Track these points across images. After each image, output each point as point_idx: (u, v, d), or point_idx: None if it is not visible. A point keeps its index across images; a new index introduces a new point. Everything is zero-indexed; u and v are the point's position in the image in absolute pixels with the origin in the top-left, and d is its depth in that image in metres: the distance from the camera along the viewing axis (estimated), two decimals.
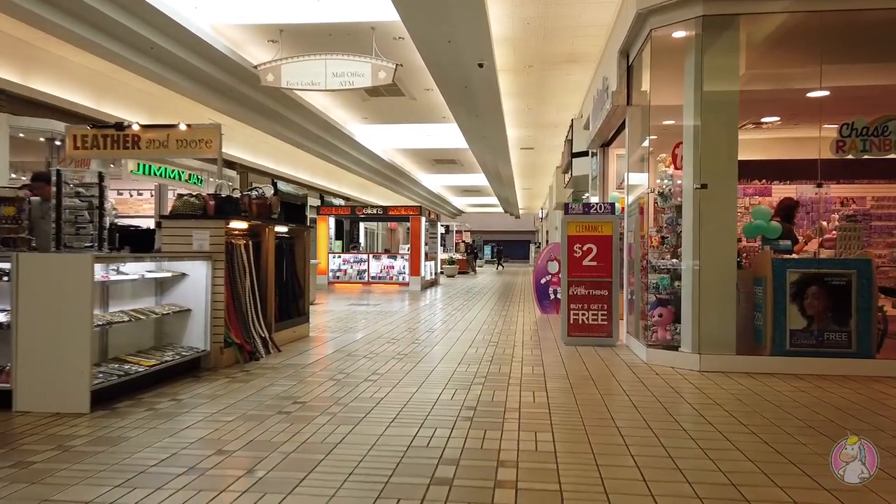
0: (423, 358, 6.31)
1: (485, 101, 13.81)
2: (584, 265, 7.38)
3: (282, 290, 7.29)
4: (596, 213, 7.41)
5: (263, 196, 6.88)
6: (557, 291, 10.43)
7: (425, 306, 12.13)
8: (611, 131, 8.72)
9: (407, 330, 8.43)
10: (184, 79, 12.69)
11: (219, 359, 5.71)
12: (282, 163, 21.53)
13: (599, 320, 7.34)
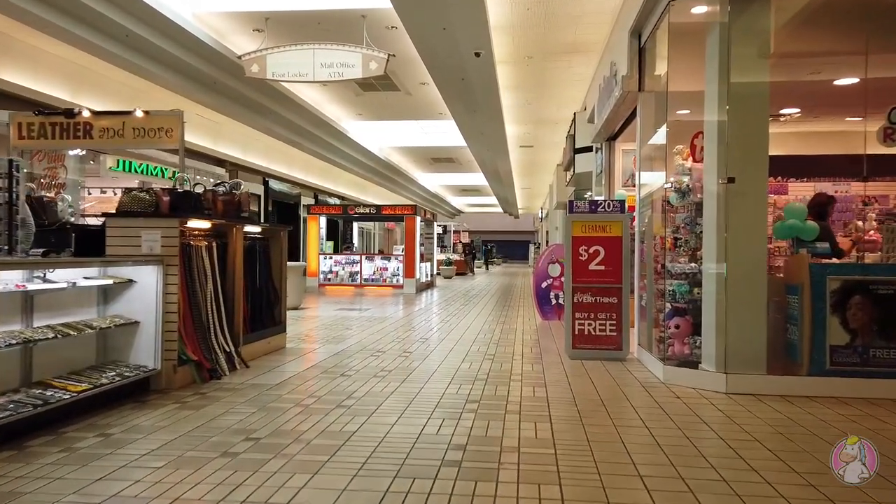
0: (409, 375, 5.49)
1: (482, 94, 13.00)
2: (591, 270, 6.56)
3: (254, 297, 6.47)
4: (604, 212, 6.59)
5: (231, 192, 6.06)
6: (559, 296, 9.63)
7: (419, 311, 11.30)
8: (618, 122, 7.91)
9: (395, 340, 7.61)
10: (165, 70, 11.88)
11: (171, 379, 4.89)
12: (274, 161, 20.70)
13: (608, 331, 6.51)
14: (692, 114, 6.00)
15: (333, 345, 7.19)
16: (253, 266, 6.52)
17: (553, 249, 9.91)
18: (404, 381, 5.28)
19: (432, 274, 18.39)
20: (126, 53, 10.39)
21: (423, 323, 9.44)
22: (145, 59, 10.95)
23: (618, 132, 8.59)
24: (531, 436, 3.75)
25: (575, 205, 6.67)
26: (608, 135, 8.66)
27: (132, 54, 10.57)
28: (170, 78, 12.15)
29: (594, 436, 3.76)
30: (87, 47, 9.80)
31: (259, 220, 6.18)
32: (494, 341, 7.57)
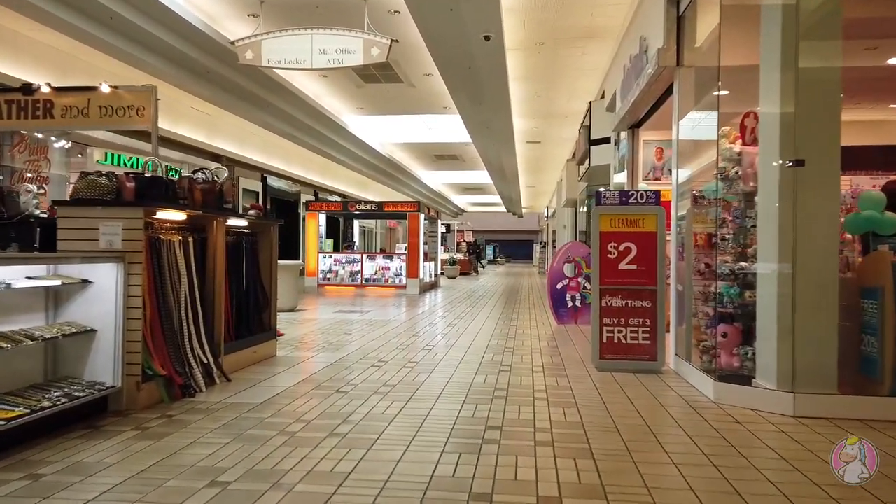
0: (415, 392, 4.67)
1: (490, 84, 12.18)
2: (621, 269, 5.73)
3: (238, 299, 5.66)
4: (636, 204, 5.77)
5: (212, 180, 5.24)
6: (576, 298, 8.80)
7: (423, 314, 10.48)
8: (646, 106, 7.08)
9: (399, 347, 6.79)
10: (153, 56, 11.06)
11: (134, 398, 4.07)
12: (273, 156, 19.88)
13: (640, 339, 5.69)
14: (739, 90, 5.17)
15: (330, 353, 6.37)
16: (238, 264, 5.70)
17: (569, 247, 9.08)
18: (410, 399, 4.45)
19: (436, 274, 17.56)
20: (111, 38, 9.59)
21: (429, 327, 8.62)
22: (132, 44, 10.15)
23: (643, 119, 7.77)
24: (573, 479, 2.93)
25: (603, 195, 5.84)
26: (632, 122, 7.83)
27: (118, 38, 9.76)
28: (159, 65, 11.33)
29: (653, 480, 2.93)
30: (70, 30, 9.02)
31: (246, 213, 5.33)
32: (509, 349, 6.75)
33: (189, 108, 15.44)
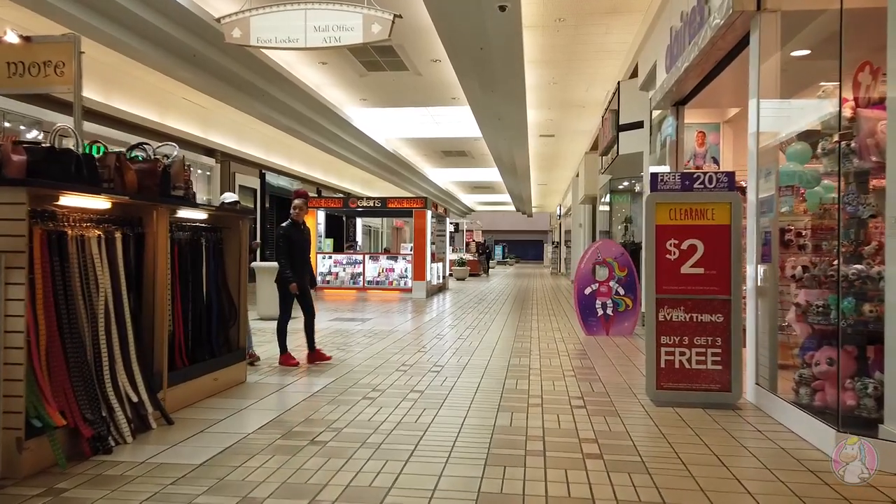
0: (418, 443, 3.34)
1: (503, 68, 10.84)
2: (684, 274, 4.38)
3: (197, 313, 4.36)
4: (703, 189, 4.41)
5: (153, 159, 3.94)
6: (607, 305, 7.45)
7: (431, 322, 9.14)
8: (700, 75, 5.73)
9: (401, 368, 5.46)
10: (132, 37, 9.82)
11: (13, 463, 2.77)
12: (272, 152, 18.64)
13: (709, 364, 4.33)
14: (848, 38, 3.82)
15: (314, 376, 5.05)
16: (196, 268, 4.40)
17: (599, 246, 7.73)
18: (410, 457, 3.13)
19: (444, 276, 16.22)
20: (84, 14, 8.52)
21: (437, 340, 7.28)
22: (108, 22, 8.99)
23: (689, 95, 6.41)
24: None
25: (660, 179, 4.48)
26: (678, 97, 6.47)
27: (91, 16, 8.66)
28: (139, 47, 10.09)
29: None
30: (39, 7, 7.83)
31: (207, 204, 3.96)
32: (534, 370, 5.40)
33: (180, 99, 14.22)
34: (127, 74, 12.23)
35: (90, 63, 11.41)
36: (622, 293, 7.52)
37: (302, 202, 5.85)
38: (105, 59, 11.54)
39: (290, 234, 5.66)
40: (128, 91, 12.55)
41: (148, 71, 11.79)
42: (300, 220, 5.78)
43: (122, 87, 12.40)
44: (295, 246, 5.64)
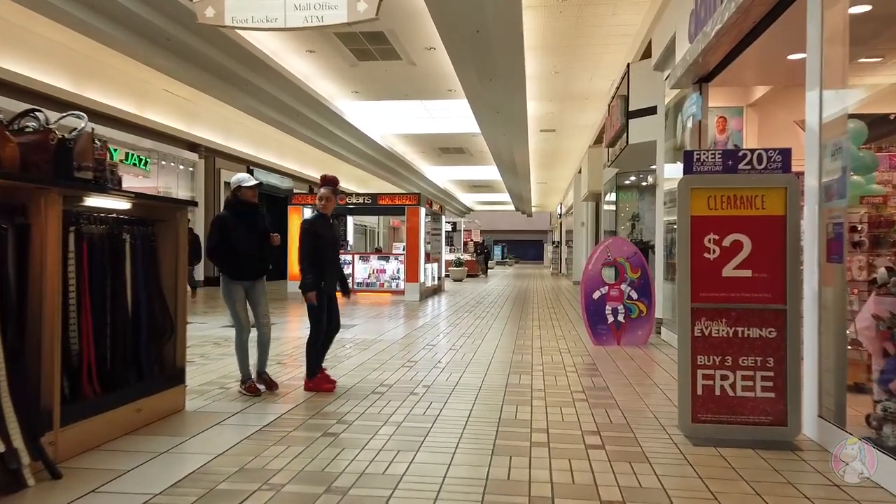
0: None
1: (502, 54, 9.92)
2: (727, 278, 3.44)
3: (115, 327, 3.42)
4: (750, 170, 3.47)
5: (44, 129, 3.01)
6: (618, 311, 6.51)
7: (421, 329, 8.19)
8: (731, 43, 4.78)
9: (378, 390, 4.52)
10: (98, 19, 8.93)
11: None
12: (263, 148, 17.72)
13: (759, 390, 3.39)
14: None
15: (269, 403, 4.10)
16: (117, 271, 3.46)
17: (609, 244, 6.78)
18: None
19: (440, 277, 15.27)
20: None
21: (426, 351, 6.34)
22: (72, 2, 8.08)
23: (714, 70, 5.46)
24: None
25: (696, 158, 3.53)
26: (701, 72, 5.53)
27: None
28: (109, 30, 9.19)
29: None
30: None
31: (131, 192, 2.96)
32: (537, 392, 4.46)
33: (160, 91, 13.29)
34: (99, 62, 11.30)
35: (58, 50, 10.55)
36: (635, 297, 6.59)
37: (329, 191, 4.59)
38: (75, 45, 10.62)
39: (317, 229, 4.49)
40: (101, 81, 11.62)
41: (123, 59, 10.87)
42: (328, 213, 4.63)
43: (95, 77, 11.47)
44: (322, 244, 4.47)
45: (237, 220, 4.30)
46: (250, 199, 4.39)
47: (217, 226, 4.31)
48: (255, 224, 4.40)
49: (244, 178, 4.43)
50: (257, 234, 4.37)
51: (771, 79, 5.93)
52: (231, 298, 4.32)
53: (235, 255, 4.29)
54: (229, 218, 4.33)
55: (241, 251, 4.29)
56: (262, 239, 4.39)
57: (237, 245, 4.27)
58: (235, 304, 4.32)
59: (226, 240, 4.27)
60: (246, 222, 4.34)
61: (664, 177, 7.28)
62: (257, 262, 4.39)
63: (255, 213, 4.43)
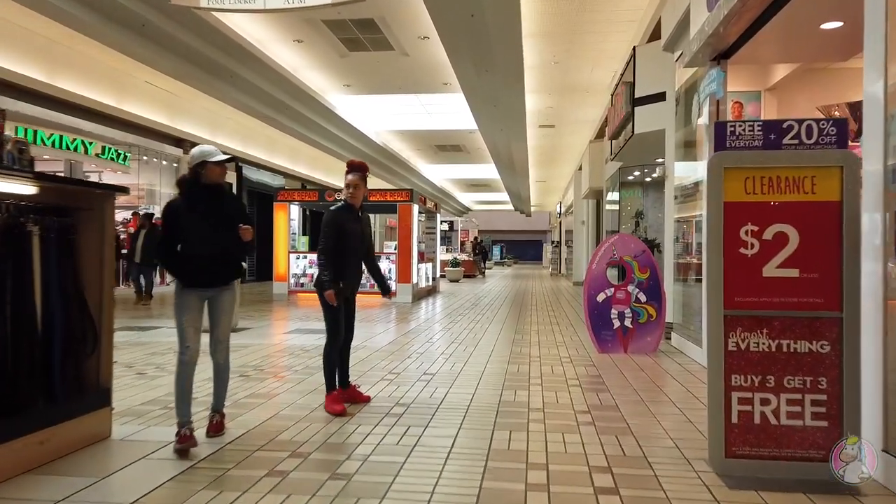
0: None
1: (498, 41, 9.26)
2: (768, 278, 2.77)
3: (15, 339, 2.75)
4: (799, 146, 2.79)
5: None
6: (625, 315, 5.84)
7: (410, 334, 7.51)
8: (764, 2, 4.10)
9: (349, 411, 3.83)
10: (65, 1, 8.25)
11: None
12: (252, 144, 17.02)
13: (808, 418, 2.72)
14: None
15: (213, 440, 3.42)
16: (20, 269, 2.80)
17: (615, 241, 6.11)
18: None
19: (435, 277, 14.59)
20: None
21: (411, 360, 5.65)
22: None
23: (737, 42, 4.79)
24: None
25: (730, 131, 2.85)
26: (723, 45, 4.85)
27: None
28: (76, 13, 8.50)
29: None
30: None
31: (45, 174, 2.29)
32: (536, 412, 3.78)
33: (141, 83, 12.60)
34: (73, 51, 10.62)
35: (29, 37, 9.87)
36: (644, 300, 5.91)
37: (357, 177, 3.86)
38: (47, 32, 9.95)
39: (342, 220, 3.81)
40: (77, 71, 10.94)
41: (101, 49, 10.20)
42: (357, 203, 3.89)
43: (70, 66, 10.79)
44: (347, 238, 3.81)
45: (195, 209, 3.23)
46: (216, 179, 3.26)
47: (166, 217, 3.23)
48: (221, 213, 3.27)
49: (210, 152, 3.29)
50: (223, 226, 3.26)
51: (798, 54, 5.26)
52: (181, 310, 3.19)
53: (190, 255, 3.20)
54: (183, 206, 3.24)
55: (198, 250, 3.20)
56: (228, 232, 3.26)
57: (193, 241, 3.20)
58: (184, 318, 3.17)
59: (178, 235, 3.21)
60: (208, 211, 3.23)
61: (674, 169, 6.62)
62: (221, 263, 3.28)
63: (220, 198, 3.29)
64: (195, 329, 3.18)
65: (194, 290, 3.21)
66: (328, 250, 3.76)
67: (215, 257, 3.25)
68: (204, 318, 3.26)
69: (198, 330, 3.18)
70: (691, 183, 6.03)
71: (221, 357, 3.34)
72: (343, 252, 3.79)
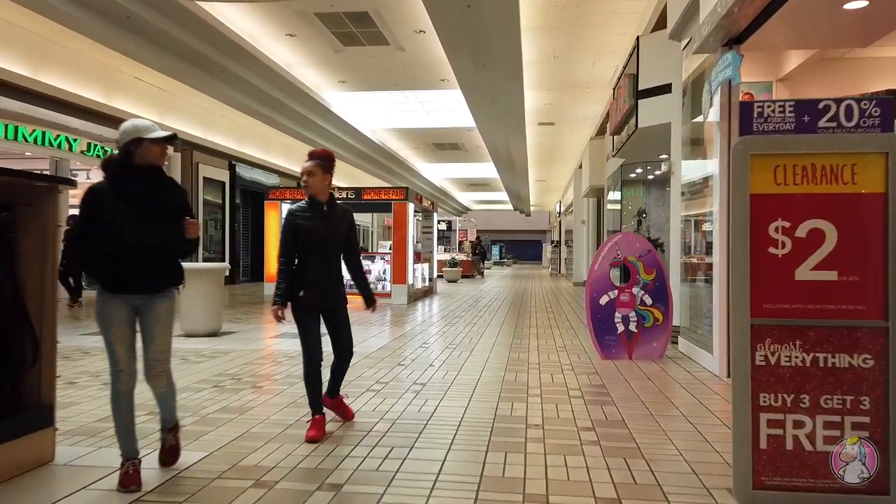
0: None
1: (496, 33, 8.90)
2: (802, 282, 2.39)
3: None
4: (837, 129, 2.41)
5: None
6: (629, 319, 5.47)
7: (403, 338, 7.14)
8: None
9: (326, 429, 3.45)
10: None
11: None
12: (246, 142, 16.65)
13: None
14: None
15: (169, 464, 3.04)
16: None
17: (619, 240, 5.72)
18: None
19: (431, 278, 14.20)
20: None
21: (401, 368, 5.27)
22: None
23: (751, 26, 4.41)
24: None
25: (759, 112, 2.47)
26: (736, 29, 4.46)
27: None
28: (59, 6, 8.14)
29: None
30: None
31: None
32: (534, 429, 3.40)
33: (130, 78, 12.22)
34: (59, 45, 10.26)
35: (12, 30, 9.48)
36: (649, 303, 5.53)
37: (314, 164, 3.31)
38: (31, 26, 9.59)
39: (300, 218, 3.29)
40: (62, 66, 10.56)
41: (88, 43, 9.82)
42: (318, 196, 3.31)
43: (56, 61, 10.43)
44: (309, 239, 3.27)
45: (123, 195, 2.61)
46: (154, 161, 2.66)
47: (86, 204, 2.62)
48: (156, 202, 2.67)
49: (146, 126, 2.69)
50: (158, 217, 2.67)
51: (815, 39, 4.88)
52: (106, 324, 2.61)
53: (112, 252, 2.59)
54: (109, 191, 2.61)
55: (124, 245, 2.59)
56: (164, 226, 2.67)
57: (119, 235, 2.58)
58: (111, 334, 2.60)
59: (100, 227, 2.59)
60: (139, 198, 2.63)
61: (680, 164, 6.24)
62: (154, 264, 2.68)
63: (156, 184, 2.70)
64: (128, 347, 2.62)
65: (120, 297, 2.61)
66: (280, 256, 3.31)
67: (146, 255, 2.64)
68: None
69: (132, 347, 2.64)
70: (700, 178, 5.65)
71: (159, 383, 2.71)
72: (305, 255, 3.29)
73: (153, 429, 3.26)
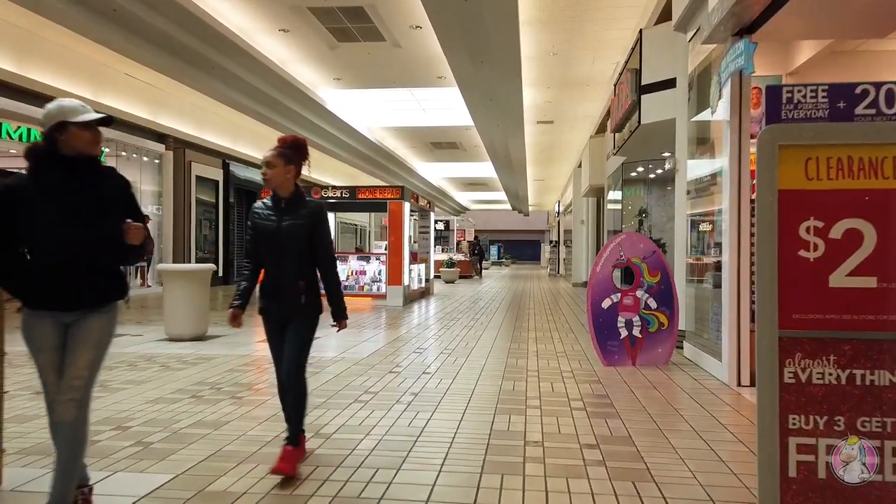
0: None
1: (494, 28, 8.64)
2: (836, 289, 2.10)
3: None
4: (876, 117, 2.12)
5: None
6: (633, 324, 5.18)
7: (396, 342, 6.84)
8: None
9: (307, 446, 3.16)
10: None
11: None
12: (240, 140, 16.35)
13: (889, 472, 2.05)
14: None
15: (123, 481, 2.74)
16: None
17: (621, 241, 5.43)
18: None
19: (428, 279, 13.91)
20: None
21: (392, 376, 4.98)
22: None
23: (764, 13, 4.13)
24: None
25: (788, 98, 2.18)
26: (748, 17, 4.18)
27: None
28: None
29: None
30: None
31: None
32: (533, 447, 3.12)
33: (121, 75, 11.93)
34: (46, 40, 9.96)
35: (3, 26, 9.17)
36: (654, 307, 5.25)
37: (274, 154, 2.86)
38: (17, 20, 9.30)
39: (255, 216, 2.90)
40: (49, 61, 10.26)
41: (76, 38, 9.54)
42: (280, 190, 2.86)
43: (42, 56, 10.12)
44: (264, 240, 2.86)
45: (46, 190, 2.18)
46: (84, 149, 2.22)
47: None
48: (86, 199, 2.22)
49: (73, 107, 2.22)
50: (89, 217, 2.21)
51: (829, 29, 4.60)
52: (32, 346, 2.22)
53: (33, 260, 2.21)
54: (30, 186, 2.19)
55: (45, 252, 2.20)
56: (97, 227, 2.22)
57: (40, 239, 2.19)
58: (39, 360, 2.21)
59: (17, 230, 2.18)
60: (65, 194, 2.19)
61: (686, 162, 5.96)
62: (84, 273, 2.22)
63: (87, 177, 2.24)
64: (55, 368, 2.20)
65: (46, 315, 2.20)
66: (246, 256, 3.02)
67: (73, 263, 2.20)
68: None
69: (55, 368, 2.21)
70: (707, 174, 5.37)
71: (66, 412, 2.14)
72: (264, 258, 2.90)
73: (116, 446, 2.98)
